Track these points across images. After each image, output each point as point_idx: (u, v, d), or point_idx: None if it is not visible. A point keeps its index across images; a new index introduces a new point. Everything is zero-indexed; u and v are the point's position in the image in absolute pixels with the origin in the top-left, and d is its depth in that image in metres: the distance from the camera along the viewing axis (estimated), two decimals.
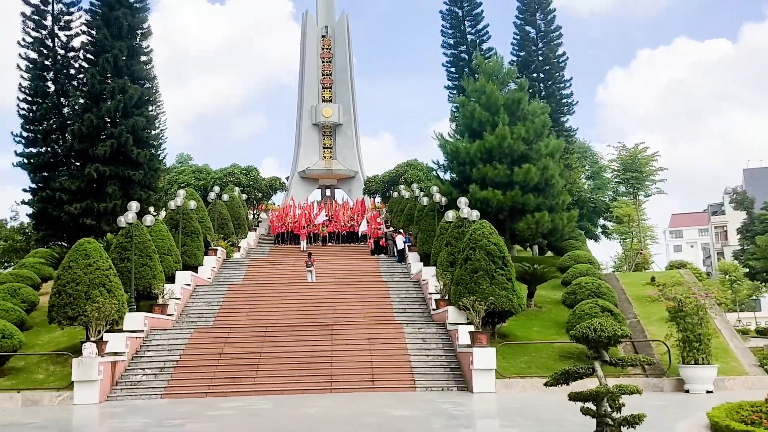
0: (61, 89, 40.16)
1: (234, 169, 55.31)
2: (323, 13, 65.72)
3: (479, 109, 33.23)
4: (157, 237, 28.88)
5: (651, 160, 40.06)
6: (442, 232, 29.66)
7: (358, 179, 62.64)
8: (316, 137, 63.90)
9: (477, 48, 41.93)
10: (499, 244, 22.63)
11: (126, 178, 38.21)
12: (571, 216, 33.63)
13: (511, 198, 31.64)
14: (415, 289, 29.46)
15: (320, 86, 64.60)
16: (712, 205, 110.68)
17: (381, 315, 26.42)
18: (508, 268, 22.41)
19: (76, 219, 37.34)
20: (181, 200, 31.87)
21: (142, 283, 25.78)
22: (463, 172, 33.46)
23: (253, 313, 26.76)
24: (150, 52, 41.85)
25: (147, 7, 41.76)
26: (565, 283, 27.91)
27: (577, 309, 21.49)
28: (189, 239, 32.52)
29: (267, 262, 36.59)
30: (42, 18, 40.26)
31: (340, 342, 22.56)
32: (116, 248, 26.26)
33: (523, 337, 23.10)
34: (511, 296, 21.87)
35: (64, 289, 21.08)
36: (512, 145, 32.17)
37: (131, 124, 38.51)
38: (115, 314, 20.81)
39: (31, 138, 39.67)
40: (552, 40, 42.40)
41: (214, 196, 40.07)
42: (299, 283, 30.88)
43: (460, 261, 23.08)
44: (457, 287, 22.70)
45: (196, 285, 29.82)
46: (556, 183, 32.89)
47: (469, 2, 43.46)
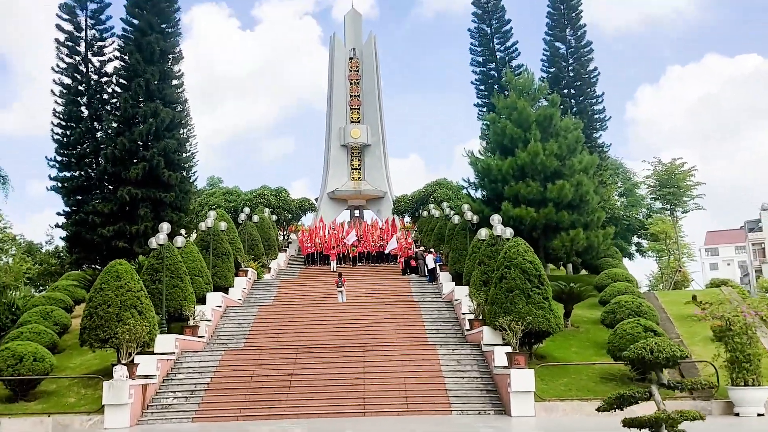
0: (94, 114, 40.72)
1: (264, 191, 55.52)
2: (351, 35, 66.15)
3: (510, 125, 32.76)
4: (188, 258, 28.83)
5: (688, 175, 39.04)
6: (475, 251, 29.12)
7: (386, 199, 62.43)
8: (345, 158, 63.96)
9: (506, 65, 41.60)
10: (534, 262, 22.01)
11: (157, 200, 38.45)
12: (606, 233, 32.81)
13: (545, 215, 31.00)
14: (447, 310, 28.87)
15: (348, 108, 64.81)
16: (748, 221, 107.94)
17: (413, 336, 25.90)
18: (545, 286, 21.76)
19: (109, 241, 37.60)
20: (211, 221, 31.86)
21: (173, 304, 25.64)
22: (495, 190, 32.94)
23: (283, 334, 26.44)
24: (181, 75, 42.35)
25: (178, 32, 42.36)
26: (602, 302, 27.10)
27: (618, 329, 20.72)
28: (220, 260, 32.45)
29: (297, 283, 36.36)
30: (76, 44, 40.99)
31: (372, 364, 22.06)
32: (147, 270, 26.22)
33: (561, 358, 22.36)
34: (548, 316, 21.20)
35: (95, 311, 21.00)
36: (545, 161, 31.60)
37: (163, 146, 38.85)
38: (146, 336, 20.65)
39: (65, 162, 40.21)
40: (583, 56, 41.87)
41: (245, 217, 40.09)
42: (330, 303, 30.53)
43: (495, 280, 22.51)
44: (492, 307, 22.10)
45: (227, 306, 29.64)
46: (590, 199, 32.18)
47: (498, 20, 43.26)
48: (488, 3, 43.99)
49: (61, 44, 40.76)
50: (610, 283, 29.00)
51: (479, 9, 44.21)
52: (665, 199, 39.32)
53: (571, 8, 43.23)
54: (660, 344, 15.62)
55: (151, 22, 39.96)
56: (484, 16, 43.99)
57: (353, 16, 67.53)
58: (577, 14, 43.08)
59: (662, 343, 12.34)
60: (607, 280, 29.50)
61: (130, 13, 40.55)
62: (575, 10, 43.25)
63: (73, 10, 40.96)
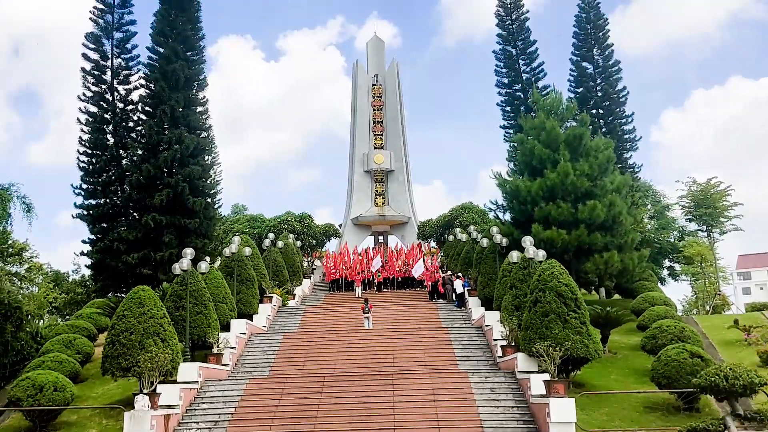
0: (119, 141, 40.89)
1: (288, 217, 55.16)
2: (374, 62, 66.17)
3: (539, 146, 32.01)
4: (212, 285, 28.32)
5: (724, 194, 37.74)
6: (505, 275, 28.19)
7: (411, 225, 61.73)
8: (369, 184, 63.52)
9: (533, 86, 41.01)
10: (570, 285, 21.09)
11: (182, 226, 38.24)
12: (641, 255, 31.70)
13: (577, 237, 30.03)
14: (478, 336, 27.90)
15: (371, 134, 64.57)
16: None
17: (443, 363, 24.97)
18: (582, 310, 20.79)
19: (134, 268, 37.41)
20: (236, 247, 31.39)
21: (197, 331, 25.07)
22: (524, 212, 32.08)
23: (309, 362, 25.67)
24: (205, 102, 42.43)
25: (203, 60, 42.57)
26: (641, 327, 25.98)
27: (662, 355, 19.61)
28: (244, 287, 31.88)
29: (322, 309, 35.64)
30: (102, 73, 41.40)
31: (402, 393, 21.16)
32: (171, 296, 25.72)
33: (601, 387, 21.28)
34: (586, 341, 20.20)
35: (117, 338, 20.49)
36: (575, 181, 30.73)
37: (187, 173, 38.76)
38: (169, 365, 20.05)
39: (90, 190, 40.31)
40: (611, 75, 41.12)
41: (269, 243, 39.64)
42: (356, 330, 29.75)
43: (529, 304, 21.60)
44: (527, 332, 21.17)
45: (252, 333, 29.00)
46: (624, 220, 31.17)
47: (523, 41, 42.75)
48: (513, 24, 43.56)
49: (88, 73, 41.19)
50: (647, 307, 27.87)
51: (504, 30, 43.78)
52: (701, 220, 37.98)
53: (597, 28, 42.67)
54: (735, 370, 14.49)
55: (176, 49, 40.19)
56: (509, 38, 43.53)
57: (375, 43, 67.61)
58: (604, 34, 42.49)
59: (737, 369, 11.39)
60: (644, 304, 28.35)
61: (156, 41, 40.88)
62: (602, 30, 42.69)
63: (99, 39, 41.52)
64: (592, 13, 43.04)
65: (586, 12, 43.23)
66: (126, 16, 42.08)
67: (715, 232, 38.29)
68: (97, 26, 41.45)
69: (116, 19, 41.87)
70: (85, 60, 41.21)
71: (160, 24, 40.95)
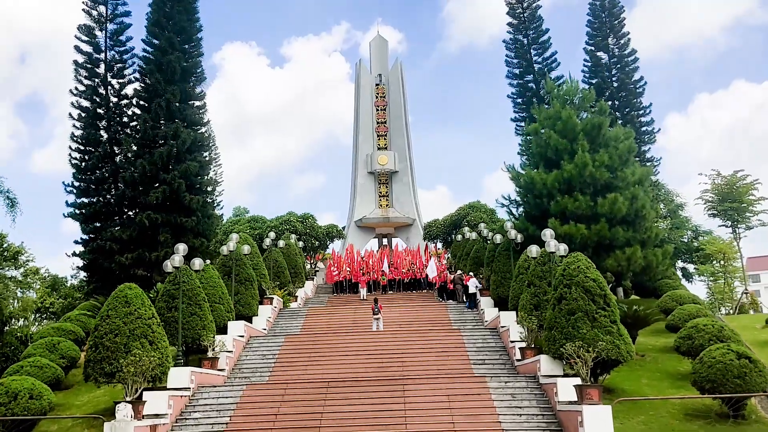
0: (113, 137, 39.12)
1: (290, 217, 53.30)
2: (377, 61, 64.64)
3: (555, 136, 30.14)
4: (208, 284, 26.51)
5: (751, 188, 35.76)
6: (522, 272, 26.36)
7: (415, 227, 60.01)
8: (372, 186, 61.89)
9: (545, 77, 39.07)
10: (598, 280, 19.17)
11: (178, 225, 36.46)
12: (666, 251, 29.74)
13: (597, 232, 28.11)
14: (492, 338, 26.01)
15: (375, 134, 63.00)
16: None
17: (457, 367, 23.09)
18: (611, 308, 18.86)
19: (127, 269, 35.62)
20: (233, 244, 29.52)
21: (191, 334, 23.19)
22: (539, 206, 30.16)
23: (312, 366, 23.77)
24: (203, 96, 40.68)
25: (200, 53, 40.81)
26: (670, 327, 24.05)
27: (704, 356, 17.63)
28: (242, 287, 30.03)
29: (326, 311, 33.75)
30: (95, 66, 39.66)
31: (414, 399, 19.27)
32: (163, 296, 23.88)
33: (633, 392, 19.34)
34: (617, 342, 18.24)
35: (101, 341, 18.62)
36: (594, 173, 28.84)
37: (184, 169, 36.98)
38: (157, 369, 18.18)
39: (82, 188, 38.54)
40: (627, 65, 39.25)
41: (270, 242, 37.77)
42: (362, 332, 27.87)
43: (552, 301, 19.68)
44: (550, 332, 19.25)
45: (250, 336, 27.14)
46: (647, 214, 29.25)
47: (535, 30, 40.90)
48: (524, 13, 41.73)
49: (80, 66, 39.47)
50: (675, 306, 25.95)
51: (515, 19, 41.92)
52: (725, 215, 35.97)
53: (613, 15, 40.82)
54: None
55: (172, 40, 38.46)
56: (520, 27, 41.68)
57: (379, 42, 66.04)
58: (619, 22, 40.62)
59: None
60: (671, 303, 26.42)
61: (151, 33, 39.16)
62: (617, 18, 40.84)
63: (92, 30, 39.79)
64: (607, 0, 41.26)
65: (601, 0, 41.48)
66: (120, 7, 40.42)
67: (741, 227, 36.32)
68: (90, 17, 39.74)
69: (110, 11, 40.18)
70: (78, 52, 39.51)
71: (155, 14, 39.26)
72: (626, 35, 40.02)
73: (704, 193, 36.83)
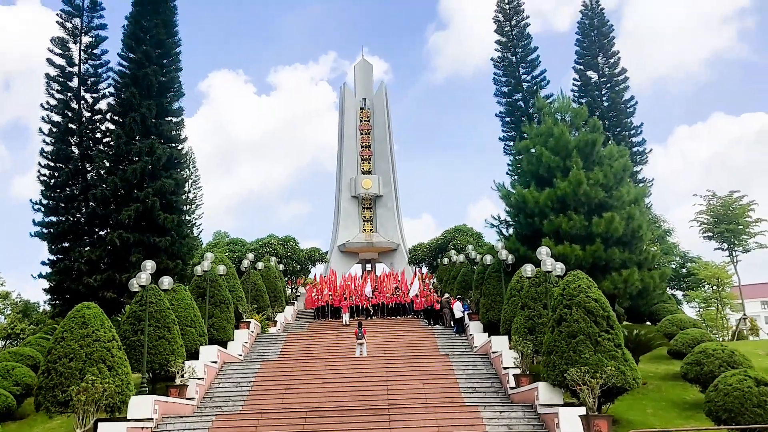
0: (85, 153, 37.41)
1: (271, 240, 51.62)
2: (361, 85, 63.64)
3: (547, 153, 28.89)
4: (179, 306, 24.74)
5: (747, 209, 34.72)
6: (514, 294, 24.96)
7: (400, 252, 58.41)
8: (356, 210, 60.36)
9: (535, 95, 38.09)
10: (600, 300, 17.73)
11: (152, 245, 34.66)
12: (663, 274, 28.42)
13: (592, 253, 26.70)
14: (483, 364, 24.40)
15: (359, 158, 61.71)
16: None
17: (447, 395, 21.44)
18: (615, 330, 17.40)
19: (96, 291, 33.73)
20: (208, 264, 27.75)
21: (158, 359, 21.36)
22: (532, 225, 28.78)
23: (290, 394, 21.98)
24: (181, 112, 39.20)
25: (179, 68, 39.42)
26: (674, 353, 22.61)
27: (719, 383, 16.11)
28: (217, 310, 28.23)
29: (306, 337, 31.94)
30: (67, 79, 38.05)
31: (401, 430, 17.58)
32: (129, 318, 22.11)
33: (639, 423, 17.76)
34: (623, 367, 16.73)
35: (54, 366, 16.78)
36: (589, 192, 27.55)
37: (159, 186, 35.33)
38: (116, 397, 16.36)
39: (51, 206, 36.63)
40: (617, 84, 38.39)
41: (248, 263, 35.99)
42: (345, 358, 26.14)
43: (551, 323, 18.17)
44: (550, 357, 17.71)
45: (224, 362, 25.28)
46: (643, 235, 27.96)
47: (523, 48, 39.99)
48: (512, 30, 40.90)
49: (52, 79, 37.85)
50: (675, 330, 24.55)
51: (503, 37, 41.02)
52: (721, 237, 34.82)
53: (602, 35, 40.12)
54: None
55: (149, 53, 37.07)
56: (508, 44, 40.79)
57: (363, 66, 65.13)
58: (608, 41, 39.91)
59: None
60: (672, 328, 25.05)
61: (127, 46, 37.80)
62: (606, 37, 40.13)
63: (65, 43, 38.26)
64: (596, 19, 40.56)
65: (590, 18, 40.75)
66: (96, 19, 38.94)
67: (738, 250, 35.14)
68: (64, 29, 38.23)
69: (85, 23, 38.69)
70: (50, 65, 37.89)
71: (132, 27, 37.93)
72: (616, 54, 39.31)
73: (699, 214, 35.81)
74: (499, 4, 41.33)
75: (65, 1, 38.16)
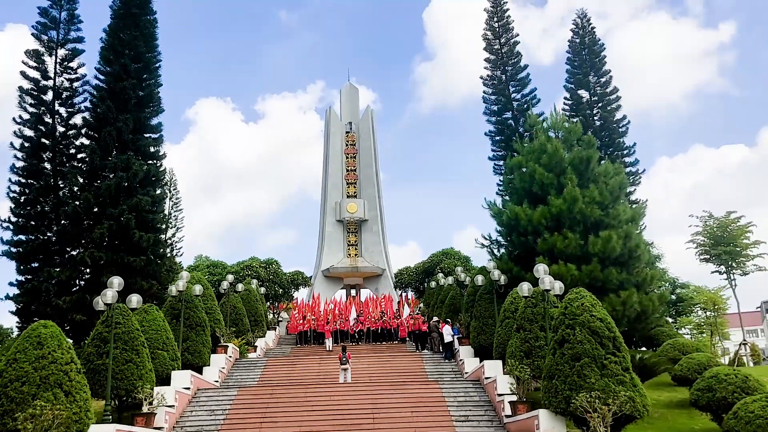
0: (57, 169, 35.66)
1: (253, 262, 50.02)
2: (347, 109, 62.89)
3: (540, 169, 27.82)
4: (150, 327, 23.17)
5: (745, 231, 33.69)
6: (508, 315, 23.66)
7: (385, 277, 56.98)
8: (341, 234, 58.99)
9: (525, 114, 37.14)
10: (606, 320, 16.41)
11: (126, 265, 32.90)
12: (662, 296, 27.26)
13: (589, 273, 25.51)
14: (476, 391, 22.91)
15: (344, 182, 60.64)
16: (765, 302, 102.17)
17: (438, 425, 19.96)
18: (623, 353, 16.05)
19: (65, 314, 31.79)
20: (183, 283, 26.15)
21: (124, 384, 19.67)
22: (525, 244, 27.57)
23: (268, 424, 20.35)
24: (160, 129, 37.76)
25: (159, 83, 38.10)
26: (679, 378, 21.23)
27: (739, 411, 14.74)
28: (193, 332, 26.59)
29: (288, 362, 30.20)
30: (41, 93, 36.45)
31: None
32: (94, 340, 20.42)
33: None
34: (631, 393, 15.34)
35: (4, 390, 15.05)
36: (584, 210, 26.45)
37: (134, 204, 33.72)
38: (72, 426, 14.68)
39: (20, 223, 34.78)
40: (609, 103, 37.57)
41: (227, 285, 34.32)
42: (328, 384, 24.53)
43: (552, 345, 16.79)
44: (551, 382, 16.28)
45: (198, 389, 23.56)
46: (641, 255, 26.81)
47: (513, 66, 39.14)
48: (502, 48, 40.10)
49: (26, 93, 36.20)
50: (678, 355, 23.22)
51: (492, 54, 40.18)
52: (719, 259, 33.70)
53: (593, 53, 39.49)
54: None
55: (127, 66, 35.75)
56: (497, 62, 39.94)
57: (349, 90, 64.42)
58: (600, 59, 39.26)
59: None
60: (674, 352, 23.69)
61: (104, 58, 36.46)
62: (598, 56, 39.51)
63: (40, 56, 36.72)
64: (587, 38, 39.95)
65: (581, 36, 40.13)
66: (73, 32, 37.39)
67: (737, 272, 34.02)
68: (39, 42, 36.74)
69: (62, 35, 37.20)
70: (24, 78, 36.25)
71: (110, 39, 36.63)
72: (608, 73, 38.61)
73: (695, 236, 34.72)
74: (488, 22, 40.66)
75: (41, 12, 36.74)
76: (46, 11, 37.03)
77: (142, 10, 37.33)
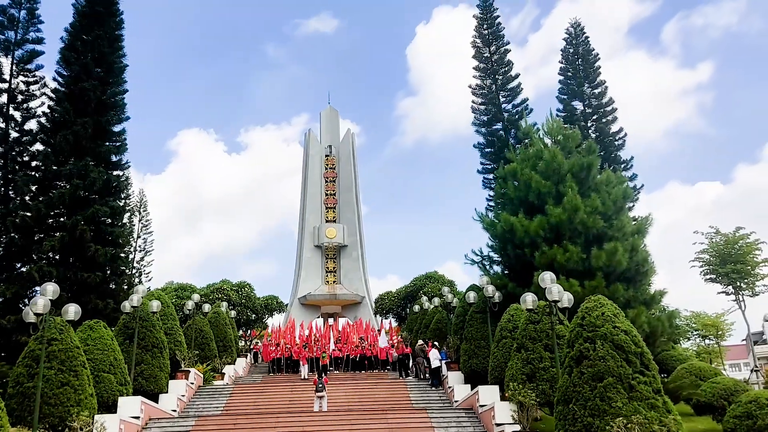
0: (9, 177, 32.59)
1: (223, 285, 46.82)
2: (327, 132, 60.85)
3: (537, 177, 25.44)
4: (96, 347, 20.12)
5: (753, 248, 31.49)
6: (505, 335, 21.07)
7: (365, 305, 54.12)
8: (319, 260, 56.27)
9: (516, 125, 34.97)
10: (631, 332, 13.80)
11: (79, 281, 29.83)
12: (672, 315, 24.81)
13: (593, 289, 22.87)
14: (469, 421, 20.13)
15: (324, 206, 58.23)
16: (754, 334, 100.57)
17: None
18: (652, 371, 13.41)
19: (8, 335, 28.44)
20: (138, 298, 23.11)
21: (58, 411, 16.58)
22: (521, 258, 25.00)
23: None
24: (123, 136, 34.83)
25: (124, 89, 35.34)
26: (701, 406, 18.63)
27: None
28: (149, 355, 23.48)
29: (257, 391, 27.07)
30: None
31: None
32: (25, 359, 17.35)
33: None
34: (665, 419, 12.66)
35: None
36: (586, 220, 24.04)
37: (91, 214, 30.69)
38: None
39: None
40: (605, 115, 35.58)
41: (193, 305, 31.24)
42: (301, 413, 21.52)
43: (567, 363, 14.10)
44: (567, 407, 13.55)
45: (150, 418, 20.43)
46: (648, 270, 24.40)
47: (504, 74, 37.07)
48: (492, 56, 38.10)
49: None
50: (694, 381, 20.63)
51: (482, 62, 38.18)
52: (726, 278, 31.39)
53: (587, 63, 37.66)
54: None
55: (87, 67, 33.08)
56: (487, 70, 37.92)
57: (329, 113, 62.43)
58: (594, 69, 37.43)
59: None
60: (690, 377, 21.08)
61: (64, 58, 33.74)
62: (592, 66, 37.68)
63: None
64: (580, 47, 38.18)
65: (574, 46, 38.34)
66: (32, 32, 34.68)
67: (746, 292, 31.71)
68: None
69: (19, 35, 34.48)
70: None
71: (71, 38, 34.00)
72: (603, 83, 36.75)
73: (701, 254, 32.42)
74: (477, 29, 38.75)
75: None
76: (4, 10, 34.34)
77: (107, 9, 34.79)
